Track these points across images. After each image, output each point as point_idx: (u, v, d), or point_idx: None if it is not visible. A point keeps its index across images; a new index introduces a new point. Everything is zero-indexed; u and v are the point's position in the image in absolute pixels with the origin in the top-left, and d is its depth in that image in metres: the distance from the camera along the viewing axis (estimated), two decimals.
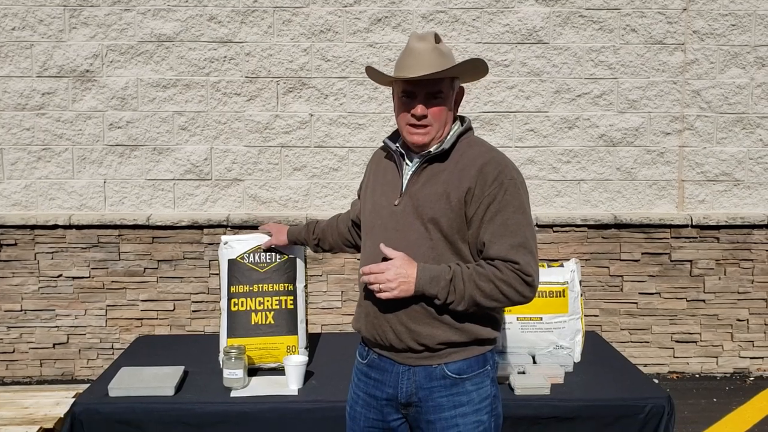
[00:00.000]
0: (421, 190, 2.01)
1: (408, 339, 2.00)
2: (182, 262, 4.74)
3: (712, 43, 4.84)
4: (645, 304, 4.85)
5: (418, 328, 1.99)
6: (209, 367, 2.75)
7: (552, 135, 4.87)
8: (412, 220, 2.00)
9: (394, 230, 2.03)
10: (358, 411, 2.15)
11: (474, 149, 2.03)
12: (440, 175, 2.01)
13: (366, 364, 2.14)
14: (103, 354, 4.77)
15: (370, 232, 2.11)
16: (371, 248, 2.09)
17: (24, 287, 4.72)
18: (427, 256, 1.98)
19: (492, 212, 1.94)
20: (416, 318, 1.99)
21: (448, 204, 1.97)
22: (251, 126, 4.80)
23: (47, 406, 3.09)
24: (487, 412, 2.03)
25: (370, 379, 2.12)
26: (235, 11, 4.72)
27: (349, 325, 4.79)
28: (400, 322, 2.01)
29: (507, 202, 1.95)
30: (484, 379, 2.03)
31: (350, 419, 2.19)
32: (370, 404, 2.12)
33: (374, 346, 2.11)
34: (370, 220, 2.12)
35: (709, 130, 4.90)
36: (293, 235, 2.73)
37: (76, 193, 4.80)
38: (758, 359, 4.91)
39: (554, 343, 2.79)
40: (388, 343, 2.04)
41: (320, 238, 2.65)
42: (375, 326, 2.06)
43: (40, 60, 4.70)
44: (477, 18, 4.77)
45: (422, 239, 1.99)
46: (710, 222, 4.81)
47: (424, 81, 1.98)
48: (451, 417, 2.00)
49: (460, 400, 2.00)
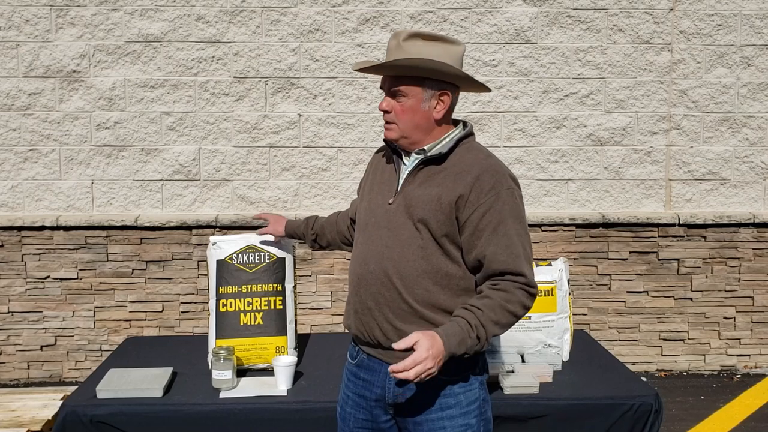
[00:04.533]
0: (415, 191, 2.01)
1: (395, 337, 1.99)
2: (171, 263, 4.72)
3: (698, 43, 4.87)
4: (633, 303, 4.88)
5: (404, 326, 1.99)
6: (198, 368, 2.74)
7: (540, 135, 4.89)
8: (404, 219, 2.00)
9: (386, 228, 2.03)
10: (348, 411, 2.16)
11: (472, 155, 2.02)
12: (435, 177, 2.00)
13: (355, 364, 2.14)
14: (91, 356, 4.75)
15: (364, 230, 2.11)
16: (363, 245, 2.09)
17: (11, 289, 4.69)
18: (417, 255, 1.98)
19: (492, 222, 1.93)
20: (403, 317, 2.00)
21: (439, 207, 1.96)
22: (240, 126, 4.79)
23: (35, 408, 3.07)
24: (476, 415, 2.02)
25: (359, 380, 2.12)
26: (223, 11, 4.71)
27: (338, 326, 4.79)
28: (387, 320, 2.01)
29: (507, 212, 1.94)
30: (472, 382, 2.03)
31: (341, 420, 2.19)
32: (360, 405, 2.12)
33: (363, 344, 2.11)
34: (365, 217, 2.12)
35: (696, 130, 4.93)
36: (291, 228, 2.71)
37: (63, 194, 4.78)
38: (745, 357, 4.94)
39: (543, 342, 2.80)
40: (375, 341, 2.05)
41: (318, 234, 2.63)
42: (363, 323, 2.06)
43: (27, 60, 4.67)
44: (465, 18, 4.78)
45: (413, 239, 1.99)
46: (697, 221, 4.84)
47: (388, 77, 2.01)
48: (438, 419, 2.00)
49: (447, 402, 2.00)
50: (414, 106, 2.00)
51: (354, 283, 2.11)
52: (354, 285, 2.11)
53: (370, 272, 2.04)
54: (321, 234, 2.63)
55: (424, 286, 1.98)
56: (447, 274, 1.98)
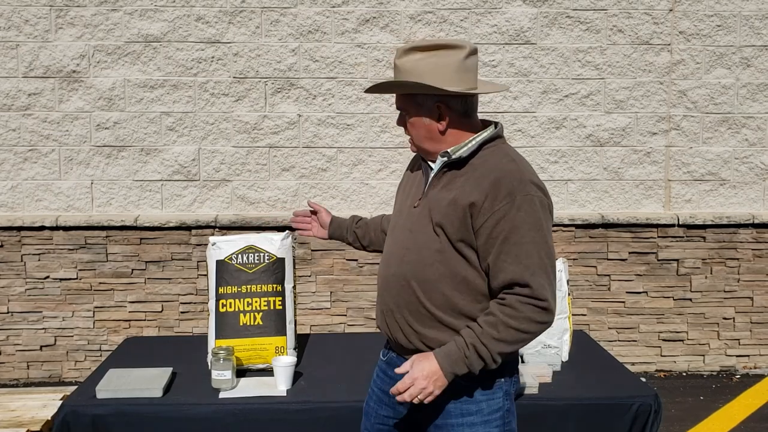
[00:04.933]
0: (437, 194, 2.00)
1: (416, 341, 1.99)
2: (170, 263, 4.72)
3: (698, 44, 4.87)
4: (632, 303, 4.88)
5: (424, 330, 1.98)
6: (198, 368, 2.74)
7: (539, 135, 4.89)
8: (426, 222, 1.99)
9: (408, 231, 2.03)
10: (371, 406, 2.18)
11: (495, 158, 1.96)
12: (457, 181, 1.97)
13: (385, 361, 2.16)
14: (90, 356, 4.75)
15: (392, 232, 2.13)
16: (388, 247, 2.11)
17: (10, 289, 4.69)
18: (434, 259, 1.96)
19: (504, 231, 1.87)
20: (422, 321, 1.98)
21: (454, 211, 1.93)
22: (239, 126, 4.80)
23: (34, 408, 3.07)
24: (498, 425, 1.99)
25: (387, 377, 2.13)
26: (223, 11, 4.71)
27: (338, 326, 4.79)
28: (408, 324, 2.00)
29: (521, 220, 1.86)
30: (496, 391, 1.99)
31: (364, 414, 2.21)
32: (383, 401, 2.13)
33: (391, 344, 2.14)
34: (394, 219, 2.15)
35: (696, 130, 4.93)
36: (335, 229, 2.60)
37: (63, 194, 4.78)
38: (744, 357, 4.95)
39: (542, 343, 2.80)
40: (398, 343, 2.06)
41: (363, 232, 2.54)
42: (388, 325, 2.07)
43: (26, 60, 4.67)
44: (465, 18, 4.78)
45: (431, 242, 1.97)
46: (696, 221, 4.84)
47: (396, 95, 2.05)
48: (458, 425, 1.97)
49: (468, 409, 1.97)
50: (416, 122, 2.01)
51: (379, 285, 2.12)
52: (379, 287, 2.12)
53: (392, 275, 2.04)
54: (365, 232, 2.53)
55: (442, 291, 1.96)
56: (465, 279, 1.95)
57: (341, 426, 2.41)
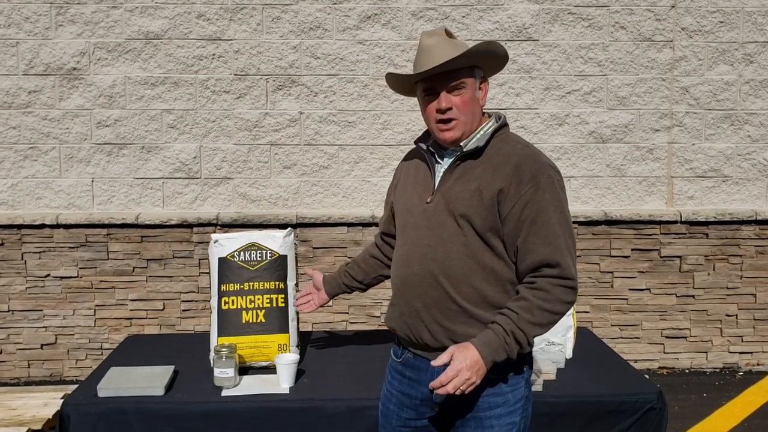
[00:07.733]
0: (453, 187, 1.98)
1: (444, 338, 1.97)
2: (172, 261, 4.71)
3: (700, 40, 4.86)
4: (635, 300, 4.87)
5: (454, 327, 1.97)
6: (200, 366, 2.73)
7: (542, 132, 4.88)
8: (445, 217, 1.97)
9: (426, 228, 2.00)
10: (390, 409, 2.14)
11: (509, 145, 1.99)
12: (473, 171, 1.97)
13: (401, 362, 2.12)
14: (91, 354, 4.74)
15: (403, 232, 2.09)
16: (403, 247, 2.07)
17: (11, 287, 4.68)
18: (461, 253, 1.95)
19: (531, 214, 1.90)
20: (452, 317, 1.97)
21: (480, 201, 1.93)
22: (240, 124, 4.78)
23: (35, 407, 3.07)
24: (520, 413, 2.02)
25: (405, 378, 2.10)
26: (224, 8, 4.69)
27: (340, 324, 4.78)
28: (436, 321, 1.98)
29: (547, 202, 1.90)
30: (519, 381, 2.01)
31: (383, 417, 2.18)
32: (404, 402, 2.10)
33: (408, 345, 2.09)
34: (403, 219, 2.10)
35: (698, 127, 4.92)
36: (330, 287, 2.63)
37: (63, 192, 4.76)
38: (747, 354, 4.94)
39: (546, 340, 2.79)
40: (423, 343, 2.02)
41: (355, 271, 2.54)
42: (409, 325, 2.04)
43: (26, 58, 4.66)
44: (467, 15, 4.77)
45: (456, 236, 1.96)
46: (699, 218, 4.83)
47: (442, 74, 1.96)
48: (486, 417, 1.98)
49: (495, 401, 1.98)
50: (472, 97, 2.01)
51: (397, 286, 2.08)
52: (398, 287, 2.08)
53: (415, 274, 2.01)
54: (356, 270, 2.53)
55: (472, 284, 1.95)
56: (493, 270, 1.95)
57: (344, 423, 2.40)
